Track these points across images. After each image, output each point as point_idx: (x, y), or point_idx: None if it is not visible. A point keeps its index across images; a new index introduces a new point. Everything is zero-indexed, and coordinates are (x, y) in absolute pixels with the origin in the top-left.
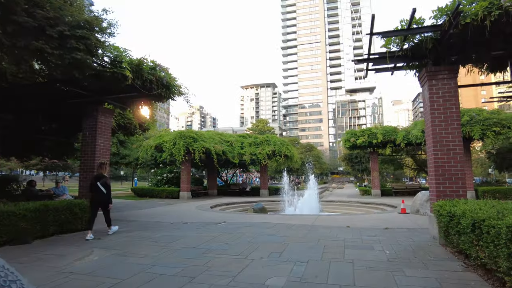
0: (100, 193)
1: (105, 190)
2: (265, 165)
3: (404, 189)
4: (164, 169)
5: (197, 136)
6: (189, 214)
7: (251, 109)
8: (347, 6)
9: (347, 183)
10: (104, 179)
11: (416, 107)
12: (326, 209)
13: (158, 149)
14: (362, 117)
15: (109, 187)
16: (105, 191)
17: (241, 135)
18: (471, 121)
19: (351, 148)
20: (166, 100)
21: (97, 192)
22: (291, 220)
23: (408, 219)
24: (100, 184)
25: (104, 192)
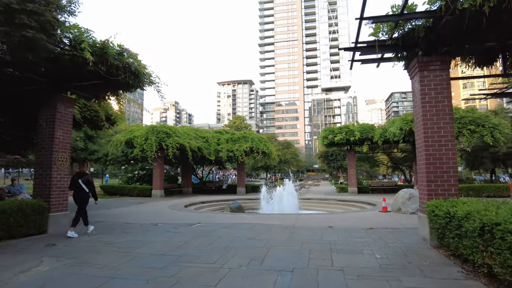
0: (81, 191)
1: (87, 188)
2: (243, 162)
3: (380, 186)
4: (136, 166)
5: (171, 132)
6: (161, 214)
7: (228, 105)
8: (324, 5)
9: (322, 180)
10: (86, 176)
11: (389, 106)
12: (305, 207)
13: (129, 145)
14: (337, 115)
15: (92, 184)
16: (87, 189)
17: (217, 131)
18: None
19: (329, 145)
20: (135, 89)
21: (79, 190)
22: (270, 220)
23: (391, 218)
24: (82, 181)
25: (86, 190)
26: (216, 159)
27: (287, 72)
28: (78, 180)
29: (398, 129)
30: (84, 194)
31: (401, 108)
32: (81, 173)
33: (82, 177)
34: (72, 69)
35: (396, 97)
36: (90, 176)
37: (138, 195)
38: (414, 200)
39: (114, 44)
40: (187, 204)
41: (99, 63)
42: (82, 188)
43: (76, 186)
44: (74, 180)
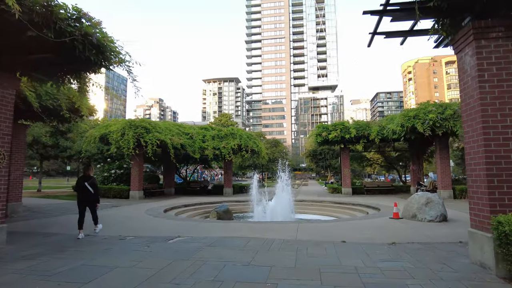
0: (88, 193)
1: (93, 190)
2: (230, 161)
3: (375, 187)
4: (113, 164)
5: (151, 127)
6: (134, 221)
7: (213, 103)
8: (312, 3)
9: (309, 179)
10: (92, 179)
11: (374, 106)
12: (299, 210)
13: (104, 141)
14: (324, 114)
15: (97, 186)
16: (93, 191)
17: (203, 127)
18: (454, 115)
19: (322, 143)
20: (99, 68)
21: (86, 192)
22: (267, 232)
23: (410, 227)
24: (88, 184)
25: (92, 192)
26: (201, 158)
27: (274, 70)
28: (84, 183)
29: (399, 126)
30: (92, 196)
31: (386, 108)
32: (87, 176)
33: (88, 180)
34: (5, 34)
35: (381, 97)
36: (95, 179)
37: (115, 196)
38: (432, 206)
39: (67, 6)
40: (167, 207)
41: (43, 27)
42: (89, 191)
43: (82, 188)
44: (80, 183)
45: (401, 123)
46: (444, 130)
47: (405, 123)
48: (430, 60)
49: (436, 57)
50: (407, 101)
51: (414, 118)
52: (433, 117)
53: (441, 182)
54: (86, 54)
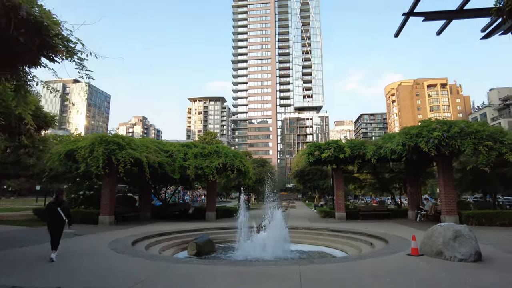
0: (59, 218)
1: (65, 216)
2: (214, 181)
3: (371, 211)
4: (82, 185)
5: (124, 143)
6: (89, 260)
7: (198, 122)
8: (297, 25)
9: (295, 200)
10: (64, 204)
11: (358, 128)
12: (293, 238)
13: (70, 158)
14: (309, 134)
15: (69, 210)
16: (65, 216)
17: (184, 144)
18: (461, 133)
19: (315, 162)
20: (38, 58)
21: (57, 217)
22: (262, 281)
23: (441, 270)
24: (60, 209)
25: (64, 218)
26: (182, 178)
27: (260, 90)
28: (57, 208)
29: (400, 145)
30: (62, 220)
31: (370, 129)
32: (59, 201)
33: (61, 205)
34: None
35: (365, 118)
36: (68, 203)
37: (82, 221)
38: (463, 240)
39: None
40: (138, 237)
41: None
42: (61, 216)
43: (54, 214)
44: (51, 208)
45: (402, 141)
46: (450, 149)
47: (407, 142)
48: (412, 83)
49: (418, 80)
50: (390, 122)
51: (417, 136)
52: (439, 135)
53: (445, 207)
54: (13, 33)
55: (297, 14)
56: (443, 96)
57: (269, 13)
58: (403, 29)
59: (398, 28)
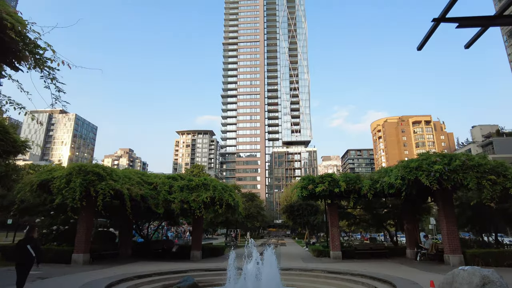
0: (29, 256)
1: (34, 254)
2: (200, 217)
3: (367, 250)
4: (57, 219)
5: (105, 173)
6: None
7: (186, 155)
8: (286, 63)
9: (284, 237)
10: (34, 242)
11: (345, 163)
12: (287, 281)
13: (44, 189)
14: (297, 169)
15: (39, 249)
16: (34, 254)
17: (170, 176)
18: (462, 166)
19: (308, 197)
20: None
21: (26, 255)
22: None
23: None
24: (30, 247)
25: (33, 255)
26: (166, 212)
27: (249, 124)
28: (27, 246)
29: (399, 179)
30: (32, 259)
31: (357, 165)
32: (29, 238)
33: (31, 243)
34: None
35: (352, 154)
36: (39, 242)
37: (53, 260)
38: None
39: None
40: (114, 280)
41: None
42: (30, 254)
43: (23, 252)
44: (20, 246)
45: (401, 175)
46: (452, 183)
47: (406, 176)
48: (398, 120)
49: (403, 117)
50: (377, 158)
51: (417, 170)
52: (440, 169)
53: (448, 245)
54: None
55: (285, 52)
56: (428, 133)
57: (259, 51)
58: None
59: (424, 38)
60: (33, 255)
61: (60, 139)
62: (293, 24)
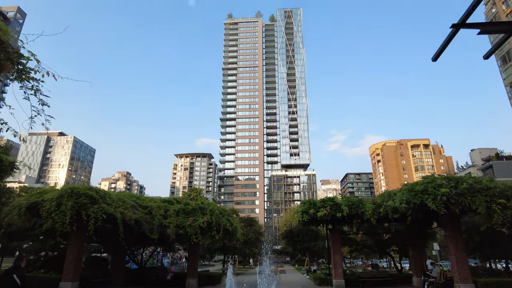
0: (14, 286)
1: (20, 283)
2: (197, 243)
3: (371, 277)
4: (46, 244)
5: (98, 196)
6: None
7: (184, 178)
8: (284, 88)
9: (284, 264)
10: (21, 271)
11: (344, 187)
12: None
13: (33, 212)
14: (296, 193)
15: (25, 277)
16: (20, 283)
17: (166, 200)
18: (470, 190)
19: (310, 222)
20: None
21: (11, 285)
22: None
23: None
24: (16, 276)
25: (19, 285)
26: (161, 238)
27: (247, 147)
28: (13, 275)
29: (404, 203)
30: None
31: (356, 188)
32: (16, 267)
33: (17, 272)
34: None
35: (351, 178)
36: (25, 271)
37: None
38: None
39: None
40: None
41: None
42: (16, 283)
43: (9, 281)
44: (7, 275)
45: (406, 199)
46: (460, 207)
47: (411, 199)
48: (396, 143)
49: (402, 141)
50: (377, 182)
51: (422, 193)
52: (447, 192)
53: (458, 274)
54: None
55: (283, 77)
56: (426, 157)
57: (258, 76)
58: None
59: (440, 46)
60: (19, 284)
61: (58, 162)
62: (291, 50)
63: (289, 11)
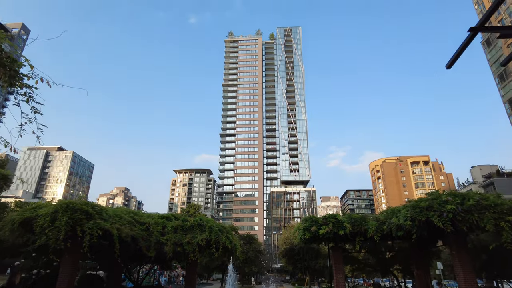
0: None
1: None
2: (195, 261)
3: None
4: (39, 261)
5: (94, 212)
6: None
7: (182, 194)
8: (283, 104)
9: (283, 283)
10: None
11: (345, 204)
12: None
13: (27, 228)
14: (296, 210)
15: None
16: None
17: (164, 216)
18: (477, 207)
19: (311, 240)
20: None
21: None
22: None
23: None
24: None
25: None
26: (158, 255)
27: (247, 163)
28: None
29: (408, 220)
30: None
31: (356, 205)
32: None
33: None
34: None
35: (351, 195)
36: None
37: None
38: None
39: None
40: None
41: None
42: None
43: None
44: None
45: (411, 216)
46: (467, 224)
47: (416, 216)
48: (396, 160)
49: (402, 157)
50: (377, 199)
51: (428, 210)
52: (453, 209)
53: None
54: None
55: (283, 94)
56: (427, 173)
57: (257, 92)
58: None
59: (456, 52)
60: None
61: (56, 177)
62: (290, 68)
63: (288, 29)
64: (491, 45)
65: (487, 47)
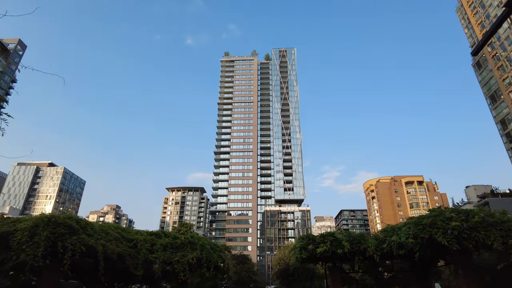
0: None
1: None
2: (185, 280)
3: None
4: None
5: (79, 226)
6: None
7: (174, 213)
8: (278, 123)
9: None
10: None
11: (339, 224)
12: None
13: (4, 243)
14: (290, 229)
15: None
16: None
17: (153, 233)
18: (483, 224)
19: (308, 259)
20: None
21: None
22: None
23: None
24: None
25: None
26: (146, 274)
27: (241, 181)
28: None
29: (410, 238)
30: None
31: (351, 226)
32: None
33: None
34: None
35: (346, 214)
36: None
37: None
38: None
39: None
40: None
41: None
42: None
43: None
44: None
45: (413, 233)
46: (474, 242)
47: (419, 234)
48: (390, 180)
49: (396, 177)
50: (372, 219)
51: (431, 227)
52: (457, 226)
53: None
54: None
55: (278, 113)
56: (421, 193)
57: (252, 111)
58: None
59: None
60: None
61: (45, 193)
62: (285, 87)
63: (283, 50)
64: (482, 67)
65: (478, 69)
